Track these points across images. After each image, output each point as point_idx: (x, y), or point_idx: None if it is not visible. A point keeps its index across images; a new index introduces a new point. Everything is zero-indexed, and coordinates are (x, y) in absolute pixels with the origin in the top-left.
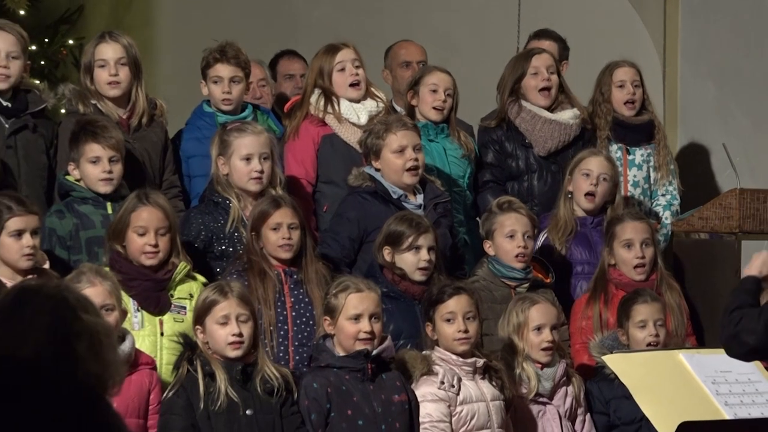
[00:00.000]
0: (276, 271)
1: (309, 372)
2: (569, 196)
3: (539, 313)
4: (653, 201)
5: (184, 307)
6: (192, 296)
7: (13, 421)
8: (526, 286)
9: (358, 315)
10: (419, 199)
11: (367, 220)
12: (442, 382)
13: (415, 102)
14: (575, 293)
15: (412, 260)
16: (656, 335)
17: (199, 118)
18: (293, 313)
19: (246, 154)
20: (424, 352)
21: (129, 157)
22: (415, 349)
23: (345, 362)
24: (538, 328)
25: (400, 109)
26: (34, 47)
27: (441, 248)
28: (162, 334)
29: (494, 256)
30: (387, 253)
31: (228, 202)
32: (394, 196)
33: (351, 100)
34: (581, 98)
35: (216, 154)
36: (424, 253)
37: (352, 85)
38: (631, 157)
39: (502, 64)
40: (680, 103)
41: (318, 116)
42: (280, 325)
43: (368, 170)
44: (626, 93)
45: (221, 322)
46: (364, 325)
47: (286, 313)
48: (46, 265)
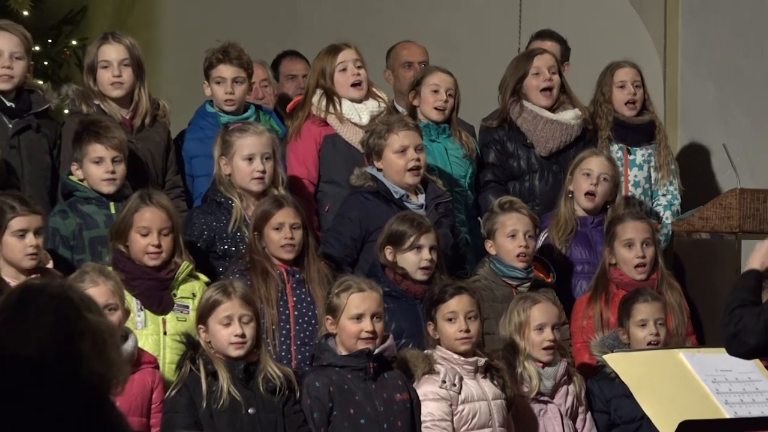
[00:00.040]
0: (278, 271)
1: (311, 371)
2: (570, 195)
3: (540, 313)
4: (654, 201)
5: (187, 307)
6: (195, 295)
7: (17, 421)
8: (528, 285)
9: (360, 314)
10: (421, 199)
11: (369, 220)
12: (444, 381)
13: (416, 102)
14: (575, 292)
15: (414, 260)
16: (657, 334)
17: (202, 119)
18: (295, 313)
19: (248, 154)
20: (426, 351)
21: (132, 158)
22: (417, 348)
23: (347, 361)
24: (540, 328)
25: (401, 110)
26: (37, 48)
27: (442, 248)
28: (165, 333)
29: (495, 256)
30: (389, 253)
31: (230, 202)
32: (396, 196)
33: (353, 101)
34: (582, 98)
35: (218, 155)
36: (426, 253)
37: (353, 85)
38: (631, 157)
39: (503, 65)
40: (680, 103)
41: (320, 116)
42: (282, 325)
43: (370, 170)
44: (627, 93)
45: (224, 323)
46: (366, 324)
47: (289, 312)
48: (50, 265)
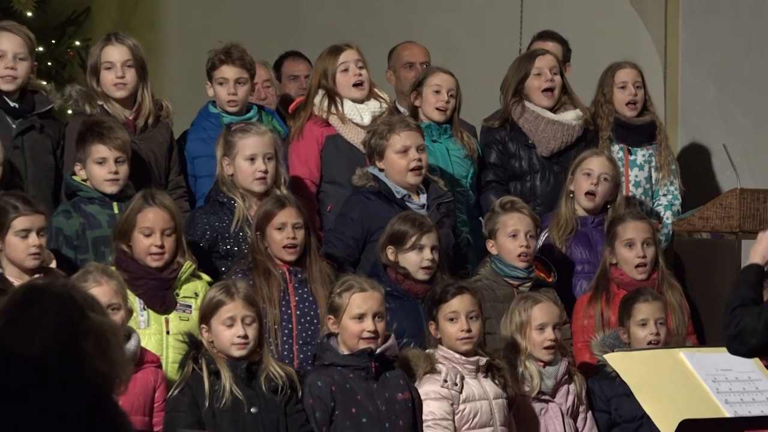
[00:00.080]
0: (280, 270)
1: (313, 370)
2: (571, 195)
3: (542, 312)
4: (654, 201)
5: (190, 306)
6: (197, 295)
7: (21, 421)
8: (529, 285)
9: (361, 314)
10: (422, 199)
11: (370, 220)
12: (445, 381)
13: (418, 103)
14: (575, 292)
15: (416, 259)
16: (657, 334)
17: (205, 119)
18: (297, 312)
19: (250, 154)
20: (428, 351)
21: (135, 158)
22: (419, 348)
23: (349, 361)
24: (541, 327)
25: (403, 110)
26: (41, 48)
27: (444, 248)
28: (168, 333)
29: (497, 256)
30: (390, 253)
31: (233, 202)
32: (398, 196)
33: (354, 101)
34: (582, 99)
35: (221, 155)
36: (427, 253)
37: (355, 85)
38: (632, 158)
39: (504, 65)
40: (681, 104)
41: (322, 117)
42: (284, 324)
43: (372, 170)
44: (628, 94)
45: (227, 324)
46: (368, 324)
47: (291, 311)
48: (53, 265)
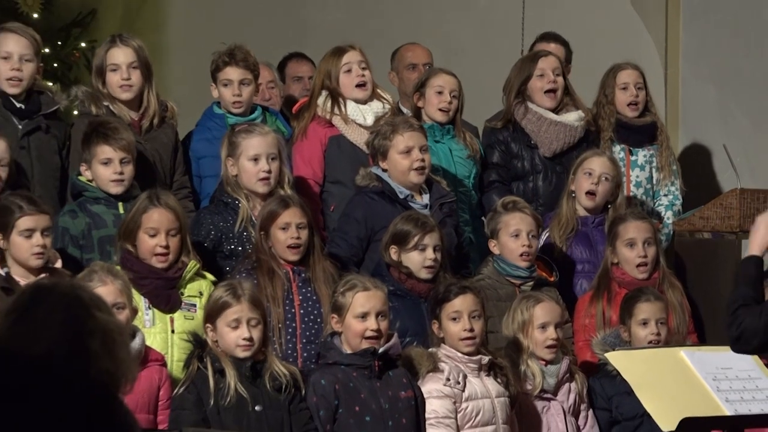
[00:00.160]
0: (284, 270)
1: (317, 369)
2: (572, 195)
3: (544, 311)
4: (655, 201)
5: (195, 305)
6: (202, 294)
7: (27, 419)
8: (531, 284)
9: (365, 313)
10: (425, 198)
11: (374, 220)
12: (448, 379)
13: (421, 104)
14: (575, 291)
15: (418, 259)
16: (658, 333)
17: (209, 120)
18: (301, 311)
19: (254, 154)
20: (430, 350)
21: (140, 158)
22: (421, 347)
23: (352, 359)
24: (543, 326)
25: (406, 111)
26: (47, 50)
27: (446, 247)
28: (173, 332)
29: (499, 255)
30: (393, 252)
31: (237, 203)
32: (401, 196)
33: (357, 101)
34: (583, 99)
35: (225, 155)
36: (430, 252)
37: (358, 86)
38: (633, 158)
39: (507, 66)
40: (681, 105)
41: (325, 117)
42: (288, 323)
43: (375, 170)
44: (629, 95)
45: (232, 326)
46: (371, 323)
47: (294, 310)
48: (59, 264)
